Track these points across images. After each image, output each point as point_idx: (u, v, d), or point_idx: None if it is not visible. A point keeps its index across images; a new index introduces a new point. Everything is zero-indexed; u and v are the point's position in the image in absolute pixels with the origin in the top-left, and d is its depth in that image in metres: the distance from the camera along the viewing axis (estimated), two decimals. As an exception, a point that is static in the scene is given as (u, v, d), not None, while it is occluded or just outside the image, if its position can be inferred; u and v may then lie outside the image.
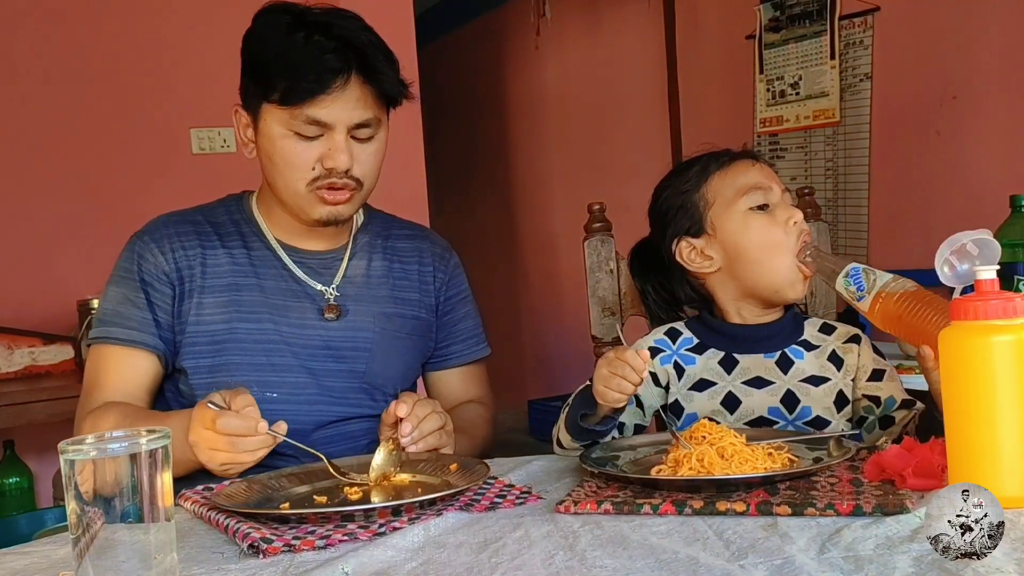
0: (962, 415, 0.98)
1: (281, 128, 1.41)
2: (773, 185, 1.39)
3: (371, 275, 1.57)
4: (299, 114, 1.39)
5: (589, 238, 1.73)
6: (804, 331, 1.42)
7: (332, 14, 1.44)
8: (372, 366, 1.52)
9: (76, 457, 0.82)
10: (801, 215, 1.38)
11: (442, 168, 4.89)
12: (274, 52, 1.40)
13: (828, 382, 1.36)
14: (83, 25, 3.16)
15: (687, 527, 0.98)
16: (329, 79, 1.38)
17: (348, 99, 1.39)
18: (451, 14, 5.83)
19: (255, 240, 1.53)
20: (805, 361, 1.38)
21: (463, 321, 1.66)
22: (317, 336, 1.49)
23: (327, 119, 1.40)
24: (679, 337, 1.44)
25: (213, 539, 1.07)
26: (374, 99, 1.43)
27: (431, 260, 1.63)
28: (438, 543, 0.99)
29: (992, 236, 1.18)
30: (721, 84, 3.94)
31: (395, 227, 1.65)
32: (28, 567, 1.02)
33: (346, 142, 1.41)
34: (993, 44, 2.82)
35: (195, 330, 1.47)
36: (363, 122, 1.42)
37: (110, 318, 1.48)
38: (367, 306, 1.54)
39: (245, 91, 1.47)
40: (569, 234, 3.49)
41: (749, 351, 1.39)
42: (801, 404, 1.35)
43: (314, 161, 1.42)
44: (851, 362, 1.38)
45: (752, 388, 1.37)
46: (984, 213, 1.47)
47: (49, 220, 3.10)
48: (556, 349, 5.16)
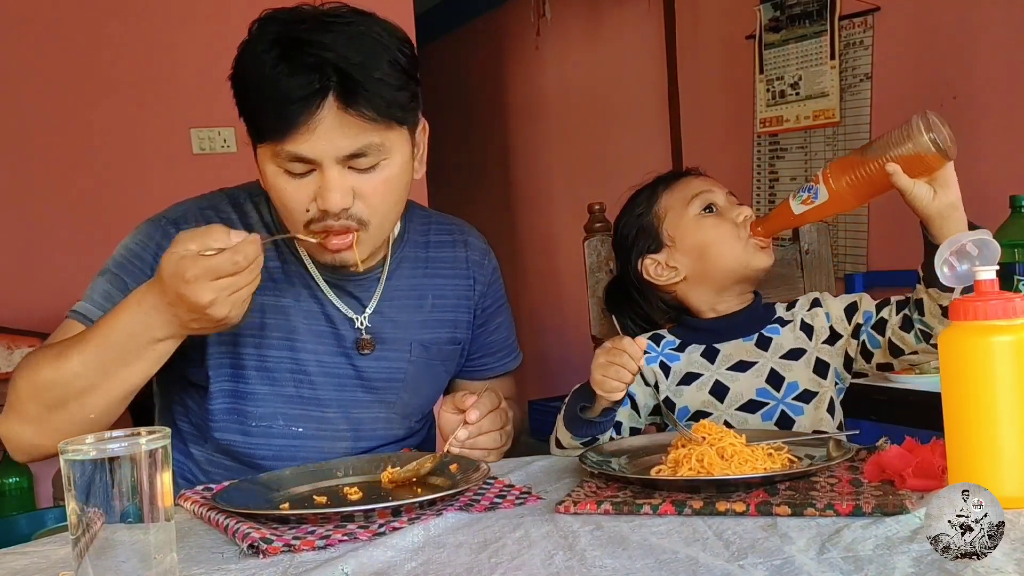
0: (962, 415, 0.98)
1: (272, 166, 1.25)
2: (715, 189, 1.48)
3: (410, 296, 1.44)
4: (280, 151, 1.21)
5: (589, 238, 1.73)
6: (776, 311, 1.48)
7: (326, 23, 1.22)
8: (403, 396, 1.44)
9: (76, 457, 0.82)
10: (748, 211, 1.45)
11: (442, 168, 4.89)
12: (249, 79, 1.23)
13: (805, 353, 1.41)
14: (83, 26, 3.16)
15: (687, 527, 0.98)
16: (300, 110, 1.18)
17: (330, 130, 1.19)
18: (451, 14, 5.83)
19: (288, 252, 1.38)
20: (782, 336, 1.43)
21: (497, 332, 1.57)
22: (349, 367, 1.39)
23: (310, 154, 1.20)
24: (662, 340, 1.47)
25: (213, 539, 1.07)
26: (369, 123, 1.21)
27: (471, 271, 1.52)
28: (438, 543, 0.99)
29: (992, 236, 1.18)
30: (721, 84, 3.94)
31: (433, 230, 1.51)
32: (28, 567, 1.02)
33: (340, 177, 1.22)
34: (993, 44, 2.82)
35: (217, 351, 1.34)
36: (357, 152, 1.22)
37: (100, 301, 1.30)
38: (403, 333, 1.42)
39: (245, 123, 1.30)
40: (569, 234, 3.49)
41: (728, 338, 1.44)
42: (786, 381, 1.39)
43: (308, 201, 1.24)
44: (819, 324, 1.42)
45: (737, 372, 1.40)
46: (984, 213, 1.46)
47: (49, 220, 3.10)
48: (556, 349, 5.16)
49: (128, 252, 1.34)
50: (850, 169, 1.27)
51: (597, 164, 4.83)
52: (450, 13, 5.82)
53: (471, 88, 5.98)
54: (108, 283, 1.33)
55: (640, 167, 5.12)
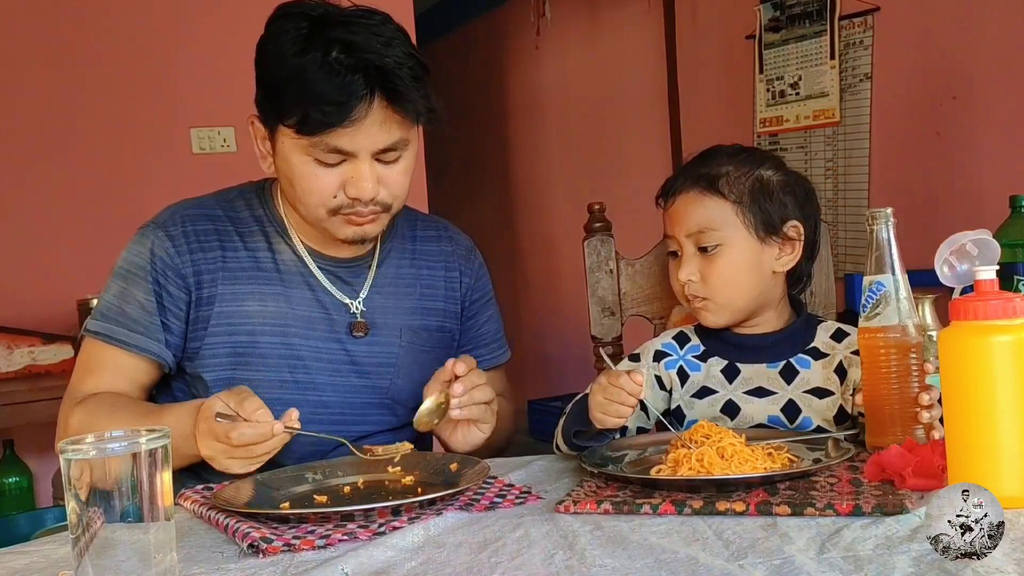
0: (962, 415, 0.98)
1: (300, 154, 1.31)
2: (677, 234, 1.39)
3: (399, 283, 1.50)
4: (318, 143, 1.29)
5: (589, 238, 1.73)
6: (816, 337, 1.40)
7: (354, 23, 1.30)
8: (396, 381, 1.47)
9: (76, 457, 0.82)
10: (688, 273, 1.37)
11: (442, 168, 4.89)
12: (288, 72, 1.28)
13: (831, 396, 1.35)
14: (83, 25, 3.16)
15: (687, 527, 0.98)
16: (349, 108, 1.26)
17: (371, 126, 1.28)
18: (451, 14, 5.83)
19: (280, 242, 1.43)
20: (812, 371, 1.37)
21: (486, 325, 1.61)
22: (342, 352, 1.43)
23: (349, 148, 1.29)
24: (687, 343, 1.44)
25: (213, 539, 1.07)
26: (403, 123, 1.31)
27: (457, 264, 1.57)
28: (438, 543, 0.99)
29: (992, 236, 1.18)
30: (721, 84, 3.94)
31: (420, 226, 1.58)
32: (28, 567, 1.02)
33: (371, 168, 1.31)
34: (993, 44, 2.82)
35: (214, 341, 1.39)
36: (389, 146, 1.31)
37: (114, 316, 1.39)
38: (394, 318, 1.48)
39: (260, 106, 1.35)
40: (569, 234, 3.49)
41: (752, 360, 1.39)
42: (802, 415, 1.34)
43: (336, 188, 1.32)
44: (854, 375, 1.33)
45: (753, 397, 1.37)
46: (984, 213, 1.47)
47: (49, 220, 3.10)
48: (556, 349, 5.16)
49: (127, 264, 1.41)
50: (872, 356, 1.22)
51: (597, 164, 4.83)
52: (450, 13, 5.82)
53: (471, 88, 5.97)
54: (115, 297, 1.41)
55: (640, 167, 5.11)
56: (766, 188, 1.37)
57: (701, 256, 1.37)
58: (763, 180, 1.37)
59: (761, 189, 1.36)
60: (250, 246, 1.42)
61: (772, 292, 1.40)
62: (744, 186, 1.36)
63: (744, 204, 1.35)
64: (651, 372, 1.43)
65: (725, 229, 1.35)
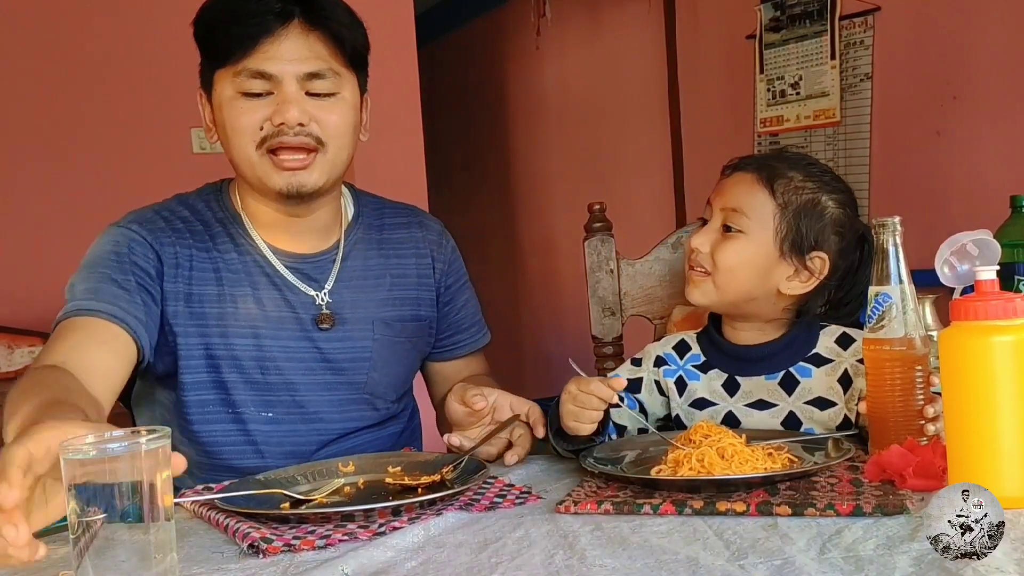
0: (962, 415, 0.98)
1: (230, 91, 1.33)
2: (714, 204, 1.38)
3: (367, 276, 1.48)
4: (243, 69, 1.31)
5: (589, 238, 1.73)
6: (818, 342, 1.36)
7: None
8: (373, 375, 1.46)
9: (76, 457, 0.82)
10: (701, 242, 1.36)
11: (442, 168, 4.89)
12: (217, 9, 1.34)
13: (834, 407, 1.32)
14: (83, 25, 3.16)
15: (687, 527, 0.98)
16: (267, 22, 1.29)
17: (293, 45, 1.30)
18: (451, 14, 5.83)
19: (244, 242, 1.43)
20: (813, 379, 1.33)
21: (463, 309, 1.60)
22: (314, 350, 1.42)
23: (271, 69, 1.30)
24: (687, 352, 1.43)
25: (213, 539, 1.07)
26: (328, 49, 1.33)
27: (428, 249, 1.55)
28: (438, 543, 0.99)
29: (992, 236, 1.18)
30: (721, 84, 3.94)
31: (387, 213, 1.56)
32: (28, 566, 1.01)
33: (298, 94, 1.31)
34: (993, 44, 2.82)
35: (187, 342, 1.37)
36: (315, 72, 1.32)
37: (83, 297, 1.31)
38: (364, 311, 1.46)
39: (201, 70, 1.39)
40: (569, 234, 3.49)
41: (751, 373, 1.36)
42: (804, 427, 1.32)
43: (263, 120, 1.32)
44: (859, 385, 1.29)
45: (753, 410, 1.35)
46: (984, 213, 1.47)
47: (49, 220, 3.10)
48: (556, 349, 5.16)
49: (101, 251, 1.38)
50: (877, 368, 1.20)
51: (597, 164, 4.83)
52: (450, 13, 5.82)
53: (471, 88, 5.97)
54: (86, 280, 1.35)
55: (640, 167, 5.10)
56: (815, 212, 1.33)
57: (721, 233, 1.35)
58: (817, 204, 1.33)
59: (810, 210, 1.33)
60: (219, 247, 1.41)
61: (767, 307, 1.36)
62: (797, 197, 1.32)
63: (786, 212, 1.32)
64: (651, 376, 1.43)
65: (754, 220, 1.33)
